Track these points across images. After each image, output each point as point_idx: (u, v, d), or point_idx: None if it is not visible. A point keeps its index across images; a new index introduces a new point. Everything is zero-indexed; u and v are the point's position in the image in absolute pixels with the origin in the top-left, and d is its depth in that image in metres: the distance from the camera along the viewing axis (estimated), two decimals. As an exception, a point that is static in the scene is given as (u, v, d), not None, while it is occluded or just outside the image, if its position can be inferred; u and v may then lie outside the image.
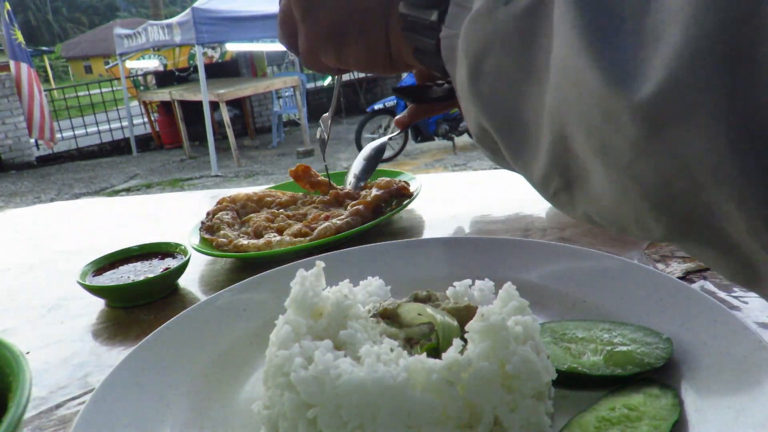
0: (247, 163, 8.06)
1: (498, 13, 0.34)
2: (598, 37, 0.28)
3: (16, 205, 6.61)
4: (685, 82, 0.25)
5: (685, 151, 0.26)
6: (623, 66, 0.27)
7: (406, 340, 0.50)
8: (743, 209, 0.25)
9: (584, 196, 0.33)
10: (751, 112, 0.24)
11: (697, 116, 0.25)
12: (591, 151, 0.30)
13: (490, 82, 0.36)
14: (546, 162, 0.34)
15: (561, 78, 0.31)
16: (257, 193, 1.08)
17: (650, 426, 0.43)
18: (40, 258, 1.08)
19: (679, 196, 0.27)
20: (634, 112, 0.27)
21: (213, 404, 0.54)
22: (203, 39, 7.44)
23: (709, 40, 0.24)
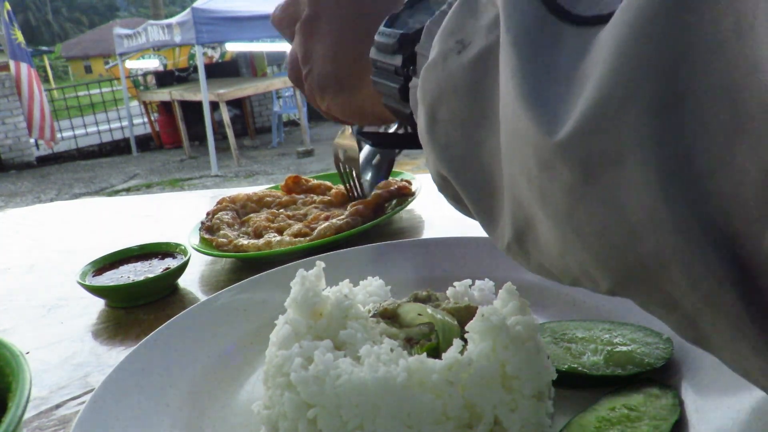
0: (247, 163, 8.06)
1: (450, 61, 0.35)
2: (533, 85, 0.29)
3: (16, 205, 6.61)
4: (610, 122, 0.25)
5: (618, 198, 0.25)
6: (552, 111, 0.27)
7: (406, 340, 0.50)
8: (679, 259, 0.24)
9: (534, 248, 0.33)
10: (682, 159, 0.23)
11: (627, 162, 0.24)
12: (533, 200, 0.30)
13: (445, 129, 0.36)
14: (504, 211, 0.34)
15: (504, 127, 0.31)
16: (257, 193, 1.08)
17: (650, 426, 0.43)
18: (40, 258, 1.08)
19: (617, 248, 0.26)
20: (559, 154, 0.27)
21: (213, 404, 0.54)
22: (203, 39, 7.44)
23: (636, 83, 0.24)
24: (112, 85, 11.27)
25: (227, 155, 8.25)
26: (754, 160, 0.21)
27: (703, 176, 0.23)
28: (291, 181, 1.12)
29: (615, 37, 0.26)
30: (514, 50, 0.30)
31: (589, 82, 0.26)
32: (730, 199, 0.22)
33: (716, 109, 0.22)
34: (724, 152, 0.22)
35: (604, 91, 0.25)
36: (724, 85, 0.22)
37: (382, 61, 0.47)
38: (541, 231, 0.31)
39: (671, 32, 0.24)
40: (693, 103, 0.23)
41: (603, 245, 0.27)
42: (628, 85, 0.24)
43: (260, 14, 7.55)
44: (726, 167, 0.22)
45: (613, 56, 0.25)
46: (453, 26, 0.36)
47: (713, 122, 0.23)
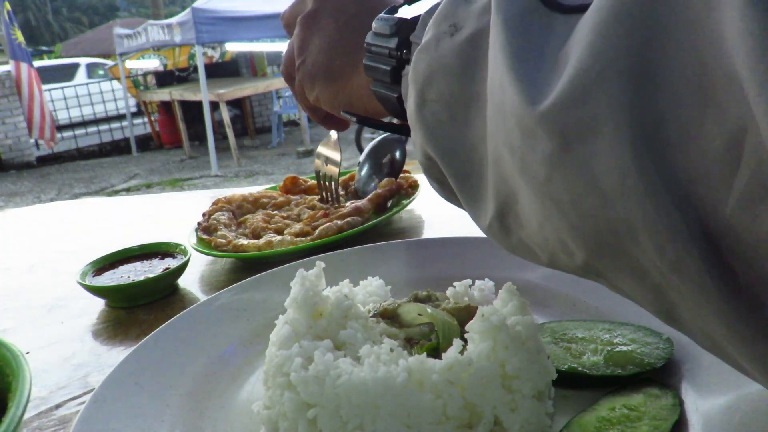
0: (247, 163, 8.06)
1: (443, 43, 0.37)
2: (520, 60, 0.30)
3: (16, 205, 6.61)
4: (588, 94, 0.26)
5: (593, 166, 0.27)
6: (537, 84, 0.29)
7: (406, 340, 0.50)
8: (647, 224, 0.25)
9: (515, 222, 0.34)
10: (654, 128, 0.25)
11: (602, 131, 0.26)
12: (515, 171, 0.31)
13: (434, 109, 0.37)
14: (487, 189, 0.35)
15: (491, 101, 0.33)
16: (253, 194, 1.08)
17: (650, 426, 0.43)
18: (40, 258, 1.08)
19: (591, 213, 0.28)
20: (541, 123, 0.28)
21: (213, 404, 0.54)
22: (203, 39, 7.43)
23: (612, 59, 0.26)
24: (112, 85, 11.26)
25: (227, 155, 8.25)
26: (719, 129, 0.23)
27: (673, 145, 0.24)
28: (289, 182, 1.12)
29: (593, 18, 0.27)
30: (504, 28, 0.32)
31: (571, 60, 0.28)
32: (696, 166, 0.24)
33: (685, 82, 0.24)
34: (691, 122, 0.24)
35: (582, 65, 0.27)
36: (693, 58, 0.24)
37: (377, 45, 0.49)
38: (521, 205, 0.32)
39: (644, 11, 0.25)
40: (665, 76, 0.24)
41: (577, 212, 0.28)
42: (604, 60, 0.26)
43: (260, 14, 7.55)
44: (693, 137, 0.24)
45: (591, 35, 0.27)
46: (447, 11, 0.37)
47: (683, 94, 0.24)
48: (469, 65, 0.35)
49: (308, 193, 1.10)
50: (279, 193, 1.10)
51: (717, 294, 0.25)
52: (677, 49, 0.24)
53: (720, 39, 0.22)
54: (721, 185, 0.23)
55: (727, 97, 0.22)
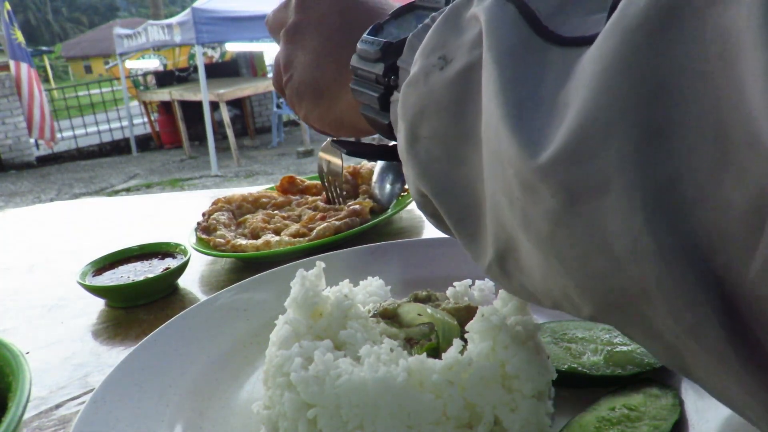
0: (247, 163, 8.06)
1: (432, 77, 0.35)
2: (515, 107, 0.29)
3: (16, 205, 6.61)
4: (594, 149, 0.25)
5: (601, 226, 0.25)
6: (535, 134, 0.27)
7: (406, 340, 0.50)
8: (661, 288, 0.24)
9: (516, 270, 0.33)
10: (667, 187, 0.23)
11: (611, 189, 0.24)
12: (515, 222, 0.30)
13: (427, 146, 0.36)
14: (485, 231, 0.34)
15: (486, 146, 0.31)
16: (252, 194, 1.08)
17: (650, 426, 0.43)
18: (40, 258, 1.08)
19: (599, 276, 0.26)
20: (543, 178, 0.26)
21: (213, 404, 0.54)
22: (203, 39, 7.43)
23: (620, 111, 0.24)
24: (112, 85, 11.27)
25: (227, 155, 8.25)
26: (739, 191, 0.21)
27: (688, 206, 0.23)
28: (286, 181, 1.12)
29: (597, 63, 0.25)
30: (496, 69, 0.30)
31: (572, 108, 0.26)
32: (715, 229, 0.22)
33: (701, 139, 0.22)
34: (709, 182, 0.22)
35: (587, 118, 0.25)
36: (709, 114, 0.22)
37: (363, 69, 0.46)
38: (523, 253, 0.31)
39: (655, 59, 0.23)
40: (678, 131, 0.23)
41: (585, 272, 0.27)
42: (611, 113, 0.24)
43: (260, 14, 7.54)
44: (711, 197, 0.22)
45: (595, 82, 0.25)
46: (435, 42, 0.36)
47: (698, 151, 0.22)
48: (461, 101, 0.34)
49: (306, 193, 1.10)
50: (278, 193, 1.10)
51: (738, 363, 0.23)
52: (691, 103, 0.23)
53: (739, 96, 0.21)
54: (743, 250, 0.22)
55: (748, 157, 0.21)
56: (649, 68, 0.24)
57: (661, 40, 0.23)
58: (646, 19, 0.24)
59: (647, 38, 0.24)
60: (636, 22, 0.24)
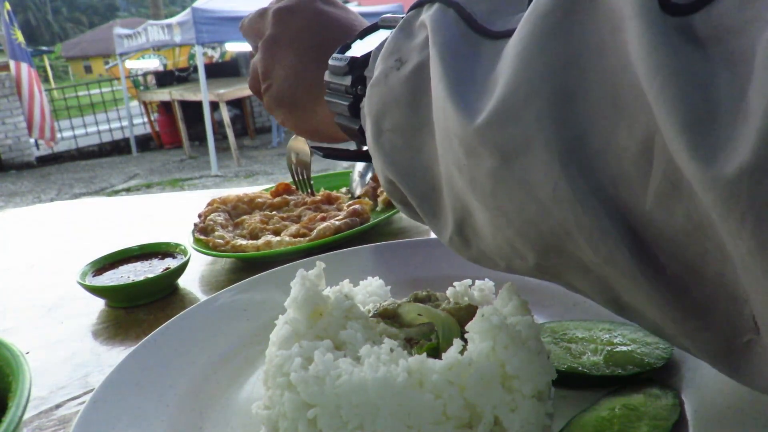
0: (247, 163, 8.05)
1: (391, 77, 0.40)
2: (456, 86, 0.34)
3: (16, 205, 6.61)
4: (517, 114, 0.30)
5: (529, 178, 0.30)
6: (471, 105, 0.33)
7: (406, 340, 0.50)
8: (580, 226, 0.29)
9: (472, 234, 0.37)
10: (577, 141, 0.28)
11: (533, 146, 0.29)
12: (466, 187, 0.34)
13: (390, 137, 0.41)
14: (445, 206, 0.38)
15: (437, 126, 0.36)
16: (248, 194, 1.08)
17: (650, 426, 0.43)
18: (40, 258, 1.08)
19: (533, 220, 0.31)
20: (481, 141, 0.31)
21: (213, 404, 0.54)
22: (203, 39, 7.43)
23: (536, 82, 0.29)
24: (112, 85, 11.26)
25: (227, 155, 8.24)
26: (632, 137, 0.26)
27: (595, 155, 0.28)
28: (281, 188, 1.11)
29: (517, 45, 0.31)
30: (439, 60, 0.36)
31: (499, 82, 0.31)
32: (617, 171, 0.27)
33: (601, 99, 0.27)
34: (609, 134, 0.27)
35: (510, 89, 0.30)
36: (605, 79, 0.27)
37: (334, 83, 0.53)
38: (475, 216, 0.36)
39: (560, 37, 0.29)
40: (583, 96, 0.28)
41: (522, 220, 0.32)
42: (530, 84, 0.30)
43: (260, 14, 7.54)
44: (611, 146, 0.27)
45: (516, 61, 0.30)
46: (392, 48, 0.41)
47: (599, 110, 0.27)
48: (416, 95, 0.39)
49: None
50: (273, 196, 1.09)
51: (647, 283, 0.28)
52: (592, 71, 0.28)
53: (626, 58, 0.26)
54: (639, 186, 0.27)
55: (636, 108, 0.26)
56: (558, 46, 0.29)
57: (566, 23, 0.29)
58: (554, 7, 0.29)
59: (555, 22, 0.29)
60: (545, 9, 0.29)
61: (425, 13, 0.39)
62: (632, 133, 0.26)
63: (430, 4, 0.40)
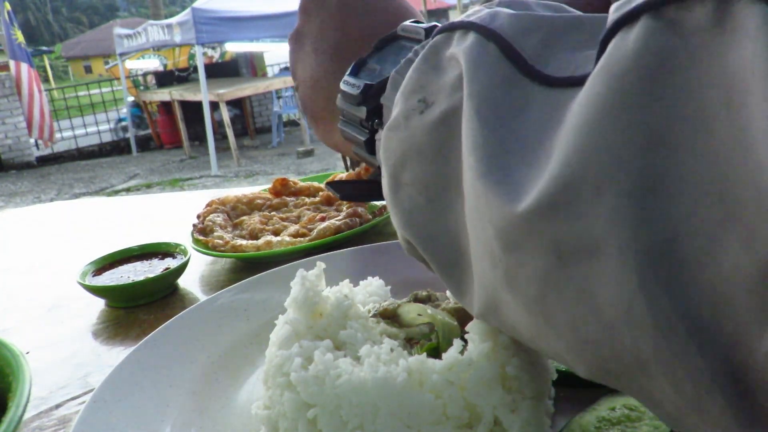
0: (247, 163, 8.06)
1: (413, 121, 0.33)
2: (494, 161, 0.27)
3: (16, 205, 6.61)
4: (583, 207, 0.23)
5: (593, 290, 0.23)
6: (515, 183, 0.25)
7: (406, 340, 0.50)
8: (660, 361, 0.22)
9: (505, 326, 0.31)
10: (664, 249, 0.21)
11: (603, 252, 0.22)
12: (498, 284, 0.28)
13: (409, 193, 0.35)
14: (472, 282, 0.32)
15: (468, 202, 0.29)
16: (247, 195, 1.08)
17: (650, 426, 0.43)
18: (40, 258, 1.08)
19: (592, 342, 0.24)
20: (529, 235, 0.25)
21: (213, 404, 0.54)
22: (203, 39, 7.43)
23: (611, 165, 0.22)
24: (112, 85, 11.27)
25: (227, 155, 8.24)
26: (747, 255, 0.19)
27: (688, 270, 0.20)
28: (279, 184, 1.11)
29: (583, 112, 0.23)
30: (476, 119, 0.28)
31: (557, 156, 0.24)
32: (720, 295, 0.20)
33: (702, 195, 0.20)
34: (711, 244, 0.20)
35: (574, 171, 0.23)
36: (711, 168, 0.20)
37: (348, 111, 0.45)
38: (508, 313, 0.29)
39: (648, 107, 0.21)
40: (675, 187, 0.21)
41: (576, 337, 0.25)
42: (602, 168, 0.22)
43: (260, 14, 7.55)
44: (714, 261, 0.20)
45: (582, 133, 0.23)
46: (415, 84, 0.34)
47: (699, 210, 0.20)
48: (443, 147, 0.32)
49: (300, 195, 1.10)
50: (272, 195, 1.09)
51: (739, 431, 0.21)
52: (691, 155, 0.20)
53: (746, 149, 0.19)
54: (753, 321, 0.19)
55: (757, 218, 0.18)
56: (641, 117, 0.21)
57: (653, 86, 0.21)
58: (637, 64, 0.22)
59: (638, 84, 0.22)
60: (625, 66, 0.22)
61: (458, 45, 0.32)
62: (749, 248, 0.19)
63: (464, 32, 0.32)
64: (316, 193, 1.08)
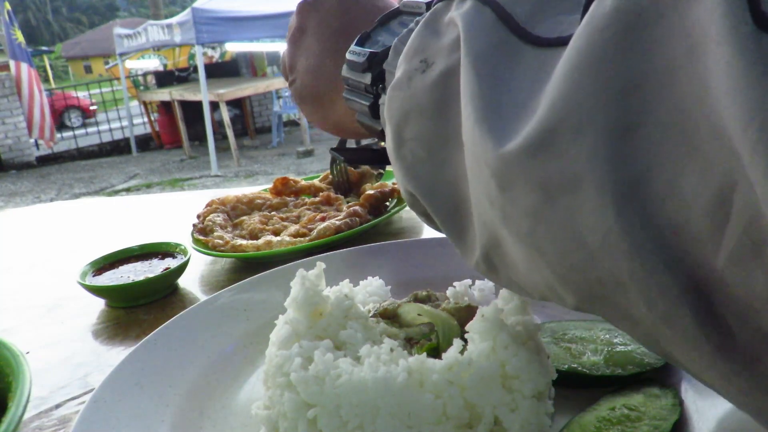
0: (247, 163, 8.06)
1: (415, 81, 0.36)
2: (490, 109, 0.29)
3: (16, 205, 6.61)
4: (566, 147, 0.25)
5: (576, 221, 0.26)
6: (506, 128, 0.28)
7: (406, 340, 0.50)
8: (635, 280, 0.24)
9: (502, 264, 0.33)
10: (637, 182, 0.24)
11: (583, 187, 0.25)
12: (497, 220, 0.30)
13: (412, 148, 0.37)
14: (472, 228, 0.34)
15: (467, 148, 0.32)
16: (247, 195, 1.08)
17: (650, 426, 0.43)
18: (40, 258, 1.08)
19: (577, 268, 0.27)
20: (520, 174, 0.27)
21: (213, 404, 0.54)
22: (203, 39, 7.44)
23: (590, 109, 0.25)
24: (112, 85, 11.27)
25: (227, 155, 8.25)
26: (705, 183, 0.22)
27: (656, 200, 0.23)
28: (279, 183, 1.11)
29: (567, 63, 0.26)
30: (473, 73, 0.31)
31: (543, 103, 0.27)
32: (684, 222, 0.23)
33: (669, 134, 0.23)
34: (675, 176, 0.23)
35: (558, 115, 0.26)
36: (676, 109, 0.22)
37: (353, 79, 0.48)
38: (507, 249, 0.31)
39: (623, 58, 0.24)
40: (646, 128, 0.23)
41: (564, 265, 0.28)
42: (582, 112, 0.25)
43: (260, 14, 7.55)
44: (677, 190, 0.23)
45: (565, 82, 0.26)
46: (417, 46, 0.37)
47: (666, 146, 0.23)
48: (443, 104, 0.35)
49: (300, 194, 1.10)
50: (272, 195, 1.09)
51: (710, 348, 0.24)
52: (659, 99, 0.23)
53: (704, 90, 0.21)
54: (709, 240, 0.22)
55: (713, 150, 0.21)
56: (617, 67, 0.24)
57: (627, 41, 0.24)
58: (613, 21, 0.24)
59: (614, 38, 0.24)
60: (603, 23, 0.24)
61: (456, 10, 0.35)
62: (706, 179, 0.22)
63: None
64: (317, 193, 1.08)
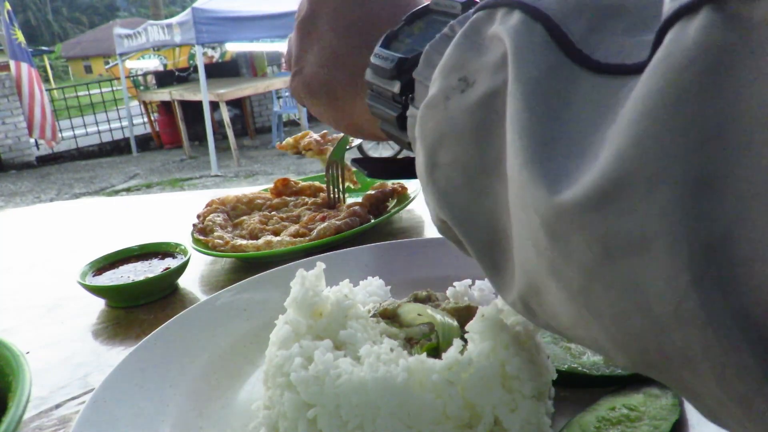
0: (247, 163, 8.06)
1: (453, 100, 0.32)
2: (543, 150, 0.26)
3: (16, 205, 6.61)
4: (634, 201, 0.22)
5: (642, 285, 0.23)
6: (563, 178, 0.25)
7: (406, 340, 0.50)
8: (709, 357, 0.22)
9: (542, 311, 0.30)
10: (718, 245, 0.20)
11: (653, 247, 0.22)
12: (543, 271, 0.27)
13: (447, 173, 0.33)
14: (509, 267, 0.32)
15: (511, 186, 0.28)
16: (247, 195, 1.08)
17: (650, 426, 0.43)
18: (40, 258, 1.08)
19: (637, 336, 0.24)
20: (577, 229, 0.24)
21: (213, 404, 0.54)
22: (203, 39, 7.43)
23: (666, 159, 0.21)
24: (112, 85, 11.27)
25: (227, 155, 8.24)
26: None
27: (742, 266, 0.20)
28: (280, 183, 1.11)
29: (642, 101, 0.23)
30: (523, 103, 0.27)
31: (609, 148, 0.23)
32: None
33: (759, 191, 0.20)
34: (764, 241, 0.20)
35: (628, 164, 0.22)
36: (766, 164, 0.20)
37: (378, 85, 0.44)
38: (550, 298, 0.28)
39: (706, 103, 0.21)
40: (731, 183, 0.20)
41: (621, 330, 0.25)
42: (657, 163, 0.22)
43: (260, 14, 7.55)
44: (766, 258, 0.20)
45: (639, 124, 0.22)
46: (455, 61, 0.33)
47: (755, 206, 0.20)
48: (484, 129, 0.31)
49: (301, 195, 1.10)
50: (273, 195, 1.09)
51: None
52: (748, 152, 0.20)
53: None
54: None
55: None
56: (700, 111, 0.21)
57: (713, 81, 0.21)
58: (696, 59, 0.21)
59: (698, 79, 0.21)
60: (684, 61, 0.21)
61: (501, 24, 0.30)
62: None
63: (508, 10, 0.30)
64: (317, 193, 1.08)
